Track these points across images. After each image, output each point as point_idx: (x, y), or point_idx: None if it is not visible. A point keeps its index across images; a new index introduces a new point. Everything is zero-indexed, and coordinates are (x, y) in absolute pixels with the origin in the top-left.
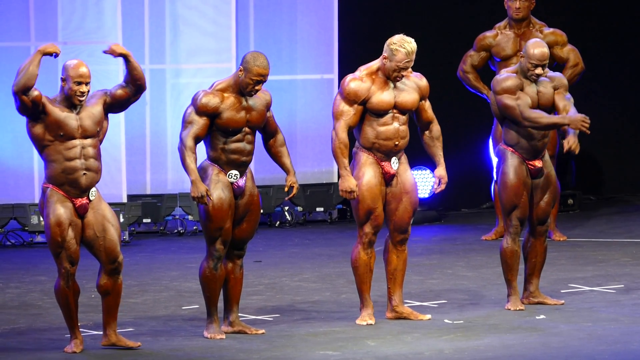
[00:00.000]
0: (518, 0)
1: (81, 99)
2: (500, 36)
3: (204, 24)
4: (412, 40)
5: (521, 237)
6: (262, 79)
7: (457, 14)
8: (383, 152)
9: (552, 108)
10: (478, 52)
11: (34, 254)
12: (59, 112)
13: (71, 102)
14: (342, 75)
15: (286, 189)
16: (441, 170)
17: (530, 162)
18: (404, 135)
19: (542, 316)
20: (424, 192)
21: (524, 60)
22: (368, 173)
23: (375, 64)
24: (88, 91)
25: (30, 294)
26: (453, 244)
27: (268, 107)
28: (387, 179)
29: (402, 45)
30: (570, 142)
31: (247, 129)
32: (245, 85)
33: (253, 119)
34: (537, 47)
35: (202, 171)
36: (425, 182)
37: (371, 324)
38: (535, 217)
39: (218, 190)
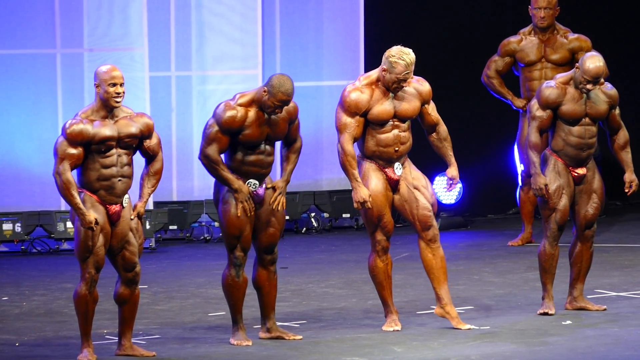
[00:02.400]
0: (543, 9)
1: (117, 99)
2: (524, 42)
3: (230, 30)
4: (411, 51)
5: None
6: (284, 104)
7: (482, 19)
8: (384, 159)
9: (599, 119)
10: (502, 57)
11: (60, 261)
12: (97, 130)
13: (108, 107)
14: None
15: (268, 185)
16: (453, 170)
17: (574, 170)
18: (405, 141)
19: (568, 322)
20: (449, 199)
21: (578, 72)
22: (372, 181)
23: (374, 73)
24: (124, 92)
25: (56, 302)
26: (479, 250)
27: (291, 120)
28: (392, 184)
29: (401, 57)
30: (631, 182)
31: (266, 143)
32: (267, 106)
33: (273, 133)
34: (593, 62)
35: None
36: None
37: (397, 330)
38: (582, 221)
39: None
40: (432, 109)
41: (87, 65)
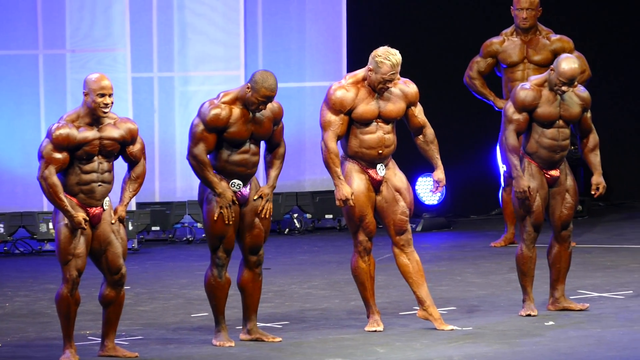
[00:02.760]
0: (525, 10)
1: (105, 110)
2: (506, 42)
3: (212, 31)
4: (397, 52)
5: (546, 243)
6: (268, 100)
7: (464, 20)
8: (367, 161)
9: (573, 121)
10: (484, 58)
11: (42, 262)
12: (82, 136)
13: (94, 115)
14: None
15: (255, 196)
16: (439, 173)
17: (547, 172)
18: (389, 143)
19: (551, 322)
20: (432, 200)
21: (553, 74)
22: (355, 181)
23: (361, 72)
24: (112, 103)
25: (39, 302)
26: (462, 251)
27: (276, 120)
28: (375, 185)
29: (387, 57)
30: (598, 185)
31: (251, 141)
32: (251, 103)
33: (258, 131)
34: (568, 64)
35: None
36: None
37: (380, 331)
38: (558, 222)
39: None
40: (418, 111)
41: (70, 66)
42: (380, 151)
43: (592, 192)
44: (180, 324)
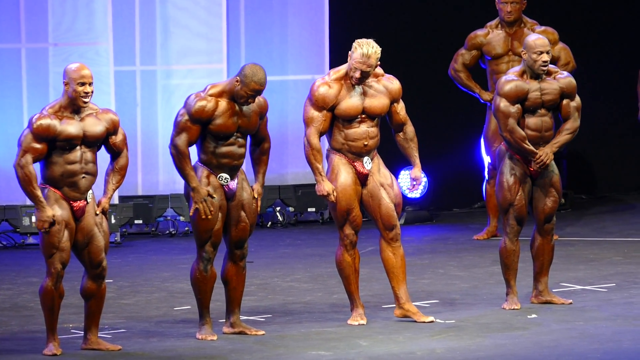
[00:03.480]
0: (509, 4)
1: (85, 99)
2: (491, 35)
3: (194, 25)
4: (377, 46)
5: (528, 237)
6: (257, 93)
7: (447, 13)
8: (353, 153)
9: (553, 107)
10: (469, 50)
11: (25, 256)
12: (63, 128)
13: (75, 105)
14: None
15: (253, 199)
16: (417, 171)
17: (530, 165)
18: (373, 135)
19: (533, 315)
20: (414, 193)
21: (526, 56)
22: (342, 175)
23: (344, 68)
24: (92, 92)
25: (22, 296)
26: (445, 244)
27: (262, 114)
28: (362, 178)
29: (362, 45)
30: (541, 155)
31: (238, 134)
32: (240, 96)
33: (245, 124)
34: (535, 38)
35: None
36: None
37: (363, 324)
38: (541, 215)
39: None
40: (400, 108)
41: (52, 59)
42: (365, 143)
43: (533, 160)
44: (163, 317)
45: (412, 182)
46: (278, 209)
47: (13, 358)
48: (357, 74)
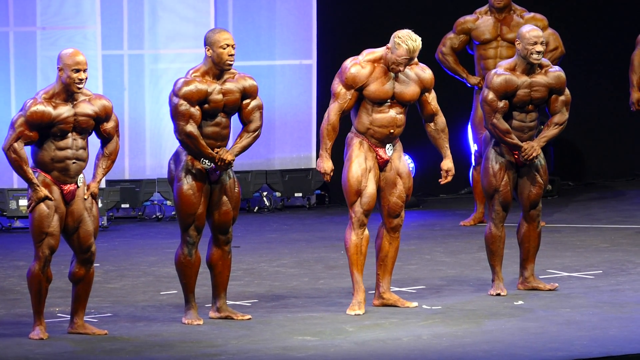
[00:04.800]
0: None
1: (80, 85)
2: (480, 20)
3: (182, 9)
4: (419, 38)
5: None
6: (230, 43)
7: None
8: (377, 139)
9: (541, 103)
10: (458, 35)
11: (12, 239)
12: (58, 114)
13: (69, 91)
14: (320, 61)
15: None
16: (448, 162)
17: (516, 152)
18: (400, 124)
19: (520, 302)
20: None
21: (520, 46)
22: (360, 156)
23: (379, 51)
24: (86, 78)
25: (8, 279)
26: (431, 230)
27: (247, 93)
28: (381, 164)
29: (406, 41)
30: (527, 147)
31: (222, 114)
32: (218, 59)
33: (229, 102)
34: (529, 29)
35: (176, 156)
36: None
37: (359, 314)
38: (527, 201)
39: (189, 176)
40: (432, 98)
41: (40, 43)
42: (391, 130)
43: (521, 154)
44: (150, 302)
45: (443, 173)
46: (265, 193)
47: None
48: (402, 68)
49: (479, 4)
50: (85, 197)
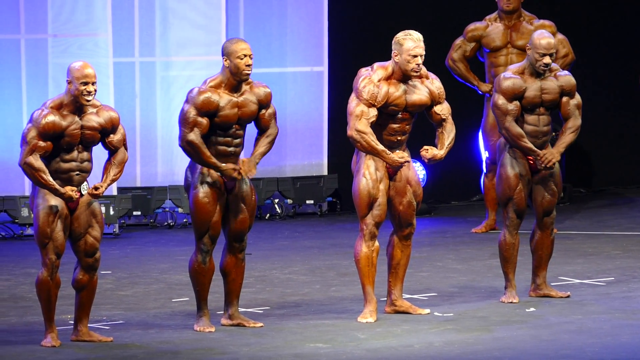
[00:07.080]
0: None
1: (88, 98)
2: (490, 27)
3: (194, 16)
4: (416, 31)
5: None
6: (247, 53)
7: (447, 4)
8: (385, 146)
9: (552, 106)
10: (469, 42)
11: (24, 247)
12: (66, 124)
13: (77, 103)
14: (332, 68)
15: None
16: (439, 151)
17: (530, 157)
18: (407, 131)
19: (532, 309)
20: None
21: (531, 52)
22: (371, 166)
23: (389, 65)
24: (95, 91)
25: (20, 287)
26: (443, 237)
27: (262, 104)
28: (390, 173)
29: (406, 36)
30: (545, 154)
31: (236, 125)
32: (236, 69)
33: (244, 115)
34: (542, 37)
35: (192, 164)
36: None
37: (371, 322)
38: (540, 209)
39: (205, 184)
40: (440, 109)
41: (51, 50)
42: (399, 138)
43: (539, 160)
44: (161, 309)
45: (430, 152)
46: (276, 201)
47: (11, 349)
48: (419, 63)
49: (490, 10)
50: (89, 192)
